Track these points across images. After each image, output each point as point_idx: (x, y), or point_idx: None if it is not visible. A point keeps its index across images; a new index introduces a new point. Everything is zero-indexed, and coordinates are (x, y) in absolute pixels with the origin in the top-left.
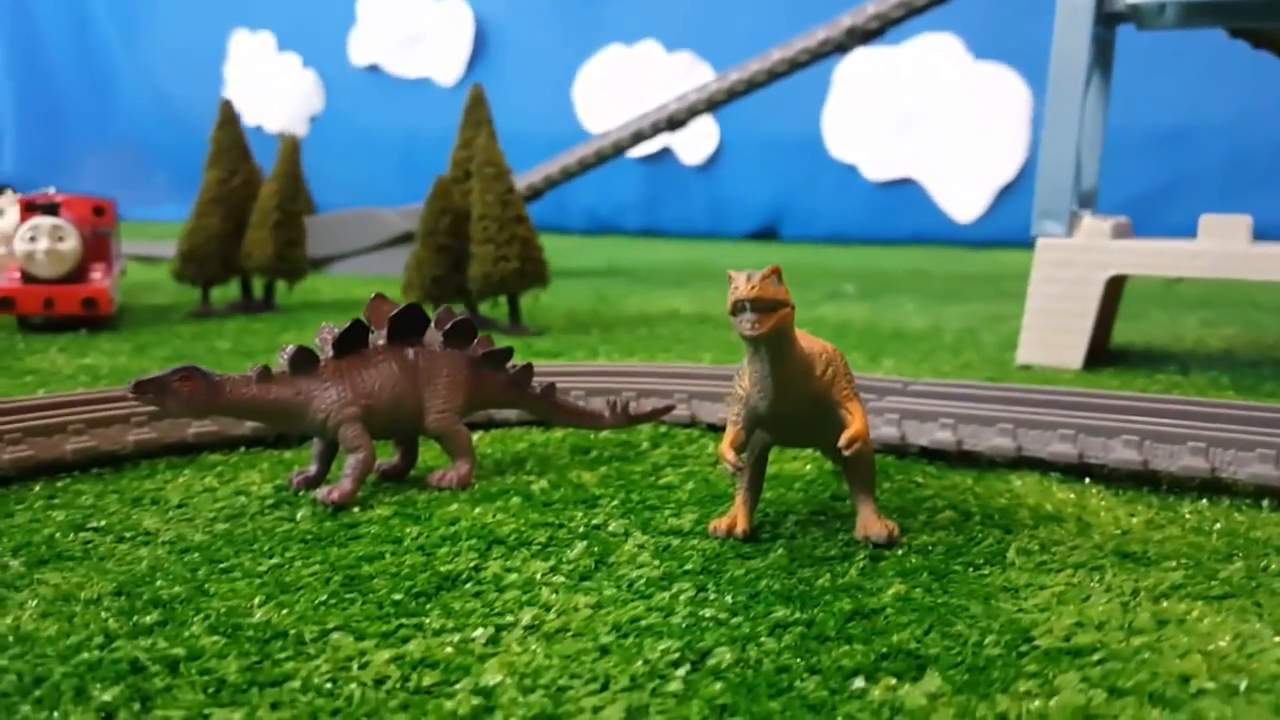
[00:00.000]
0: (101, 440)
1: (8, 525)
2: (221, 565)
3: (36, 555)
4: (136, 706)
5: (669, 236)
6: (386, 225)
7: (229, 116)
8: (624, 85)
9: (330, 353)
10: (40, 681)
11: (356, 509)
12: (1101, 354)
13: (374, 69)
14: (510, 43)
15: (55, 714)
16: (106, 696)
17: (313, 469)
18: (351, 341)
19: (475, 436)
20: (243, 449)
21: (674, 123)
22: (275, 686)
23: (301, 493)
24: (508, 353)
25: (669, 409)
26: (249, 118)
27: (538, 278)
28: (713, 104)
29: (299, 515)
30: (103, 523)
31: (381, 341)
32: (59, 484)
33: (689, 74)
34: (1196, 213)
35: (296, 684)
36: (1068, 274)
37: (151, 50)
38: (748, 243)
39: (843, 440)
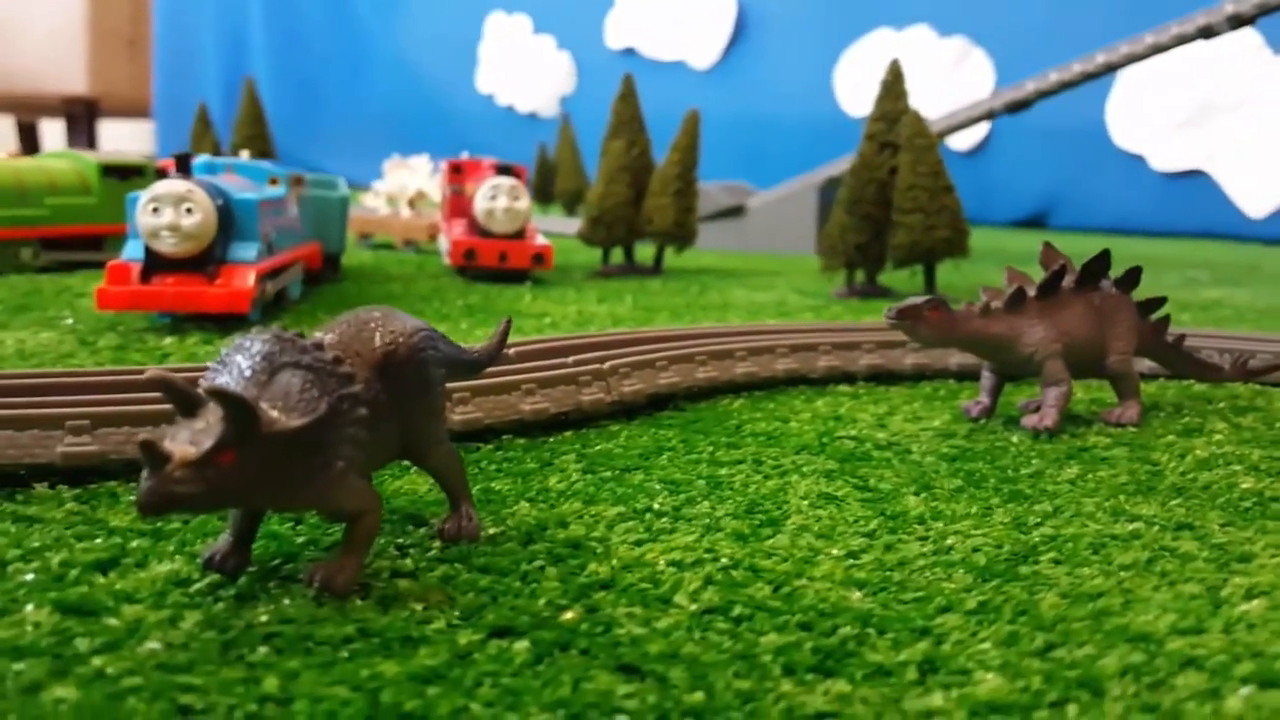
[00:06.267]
0: (760, 368)
1: (754, 426)
2: (1019, 480)
3: (814, 449)
4: None
5: None
6: (712, 199)
7: (629, 90)
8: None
9: (1034, 294)
10: None
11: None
12: None
13: (629, 51)
14: (772, 25)
15: None
16: None
17: (985, 400)
18: (1052, 285)
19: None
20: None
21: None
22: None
23: (983, 421)
24: (1161, 301)
25: None
26: (501, 99)
27: (961, 247)
28: (1086, 77)
29: (1014, 438)
30: (852, 431)
31: (1071, 286)
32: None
33: (961, 61)
34: None
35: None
36: None
37: (407, 29)
38: (1017, 230)
39: None
